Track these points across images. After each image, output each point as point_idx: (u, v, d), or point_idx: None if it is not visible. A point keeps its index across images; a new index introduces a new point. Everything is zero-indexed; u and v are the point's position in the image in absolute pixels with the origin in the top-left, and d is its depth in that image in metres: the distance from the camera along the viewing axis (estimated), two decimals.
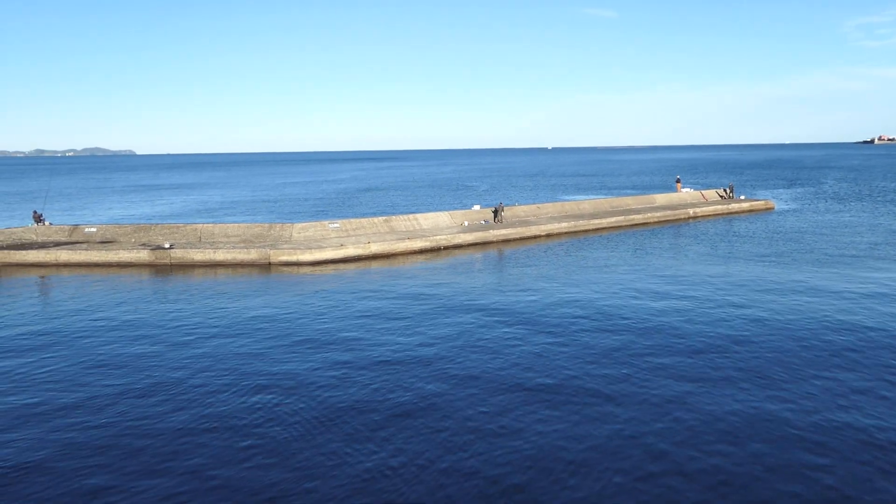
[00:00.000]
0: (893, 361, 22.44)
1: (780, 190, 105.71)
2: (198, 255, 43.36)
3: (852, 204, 78.96)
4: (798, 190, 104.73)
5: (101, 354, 24.54)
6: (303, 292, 34.53)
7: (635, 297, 32.05)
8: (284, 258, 42.89)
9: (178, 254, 43.57)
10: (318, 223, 49.73)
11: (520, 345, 24.59)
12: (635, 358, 23.04)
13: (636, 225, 61.53)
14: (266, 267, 42.02)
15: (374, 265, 42.22)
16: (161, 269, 41.73)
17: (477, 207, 60.09)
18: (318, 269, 41.25)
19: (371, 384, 20.90)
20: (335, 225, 49.96)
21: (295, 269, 41.44)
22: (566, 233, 56.07)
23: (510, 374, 21.67)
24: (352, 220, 51.67)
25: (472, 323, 27.84)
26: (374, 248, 45.41)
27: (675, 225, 61.72)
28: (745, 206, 73.09)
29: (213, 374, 22.25)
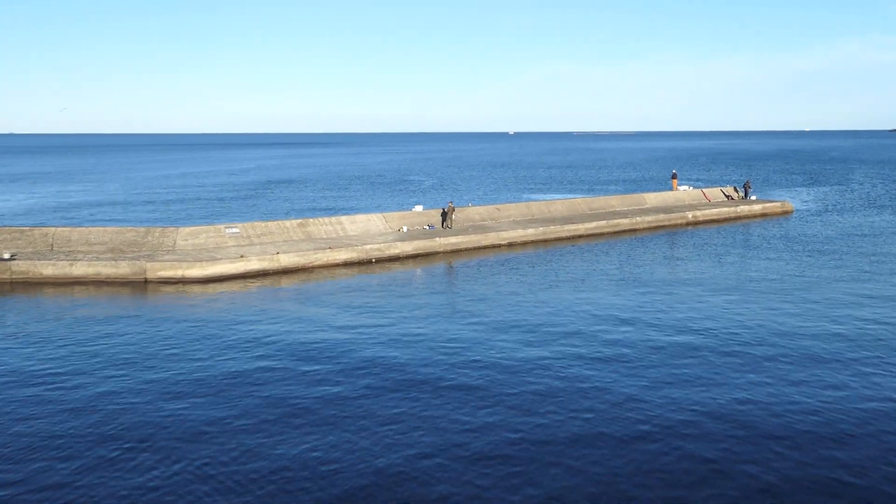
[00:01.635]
0: None
1: (800, 188, 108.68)
2: (48, 269, 42.09)
3: (888, 206, 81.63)
4: (821, 189, 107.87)
5: None
6: (187, 319, 33.81)
7: (622, 330, 32.16)
8: (165, 273, 41.98)
9: (22, 267, 42.21)
10: (211, 227, 49.03)
11: (465, 417, 22.24)
12: (628, 447, 20.56)
13: (622, 232, 62.18)
14: (141, 285, 41.16)
15: (285, 282, 41.88)
16: None
17: (419, 208, 60.04)
18: (210, 287, 40.61)
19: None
20: (234, 230, 49.33)
21: (179, 287, 40.71)
22: (533, 241, 56.33)
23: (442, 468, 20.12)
24: (256, 223, 51.20)
25: (407, 370, 27.37)
26: (285, 260, 45.04)
27: (671, 232, 62.59)
28: (757, 208, 74.73)
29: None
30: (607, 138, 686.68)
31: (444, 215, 57.26)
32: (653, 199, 75.69)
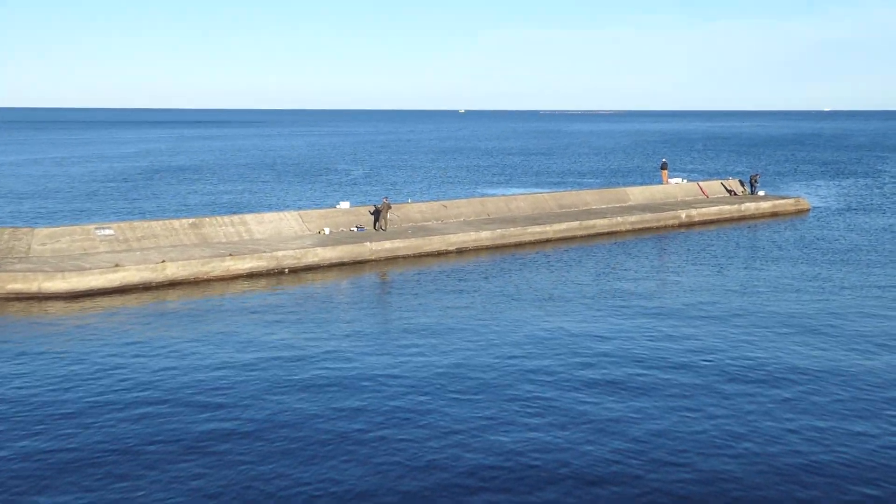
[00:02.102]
0: None
1: (818, 181, 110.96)
2: None
3: None
4: (844, 182, 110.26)
5: None
6: (45, 350, 33.32)
7: (600, 366, 32.36)
8: (16, 286, 41.39)
9: None
10: (77, 228, 48.36)
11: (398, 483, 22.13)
12: None
13: (599, 235, 62.68)
14: None
15: (173, 299, 41.58)
16: None
17: (346, 205, 59.89)
18: (75, 305, 40.12)
19: None
20: (107, 231, 48.72)
21: (35, 305, 40.14)
22: (489, 247, 56.49)
23: None
24: (136, 223, 50.66)
25: (317, 423, 27.00)
26: (173, 270, 44.70)
27: (660, 235, 63.37)
28: (767, 206, 76.03)
29: None
30: (581, 119, 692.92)
31: (378, 214, 57.14)
32: (637, 194, 76.48)
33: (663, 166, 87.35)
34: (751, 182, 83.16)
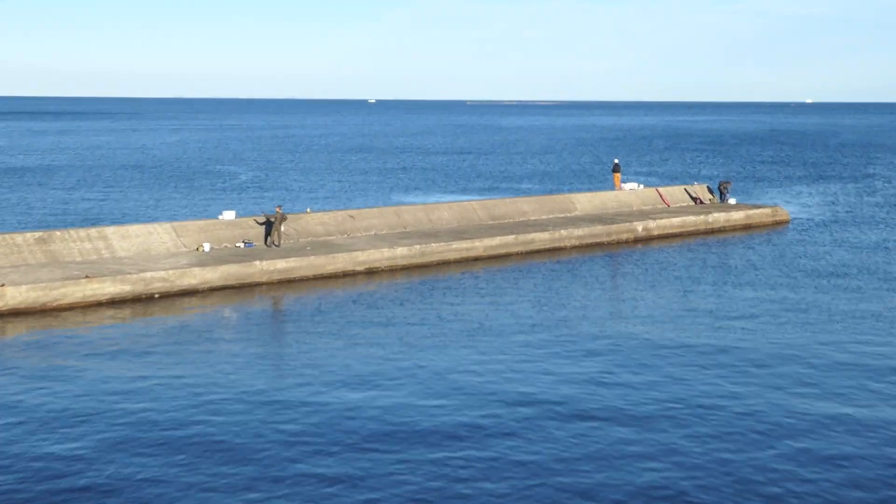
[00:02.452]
0: None
1: (799, 187, 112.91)
2: None
3: None
4: (829, 187, 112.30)
5: None
6: None
7: (541, 420, 32.09)
8: None
9: None
10: None
11: None
12: None
13: (539, 252, 62.87)
14: None
15: (13, 331, 41.03)
16: None
17: (230, 216, 59.41)
18: None
19: None
20: None
21: None
22: (405, 266, 56.46)
23: None
24: None
25: (193, 476, 26.48)
26: (15, 295, 44.02)
27: (612, 252, 63.79)
28: (738, 216, 76.91)
29: None
30: (517, 111, 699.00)
31: (269, 226, 56.81)
32: (585, 202, 76.82)
33: (615, 169, 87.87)
34: (720, 189, 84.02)
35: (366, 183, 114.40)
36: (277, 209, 57.37)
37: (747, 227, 75.83)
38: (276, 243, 56.00)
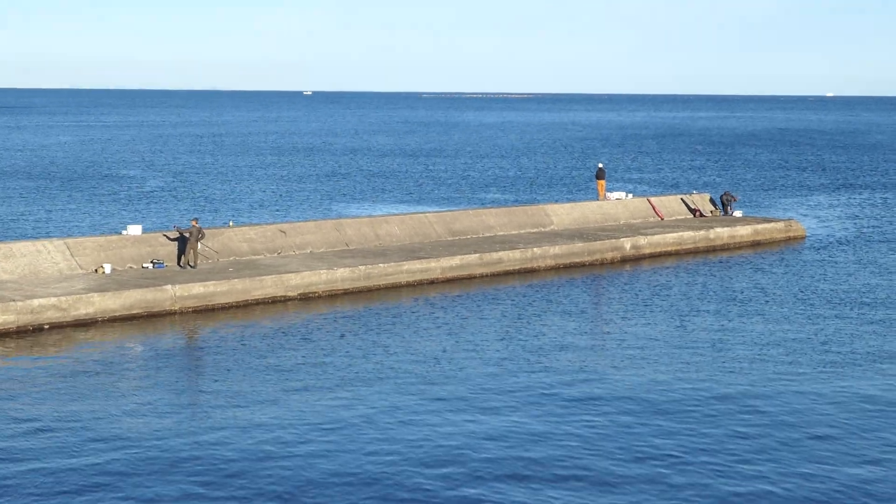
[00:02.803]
0: None
1: (817, 196, 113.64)
2: None
3: None
4: (852, 198, 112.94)
5: None
6: None
7: (498, 473, 32.04)
8: None
9: None
10: None
11: None
12: None
13: (508, 274, 62.95)
14: None
15: None
16: None
17: (136, 230, 59.21)
18: None
19: None
20: None
21: None
22: (348, 290, 56.52)
23: None
24: None
25: None
26: None
27: (595, 274, 64.07)
28: (745, 232, 77.40)
29: None
30: (482, 105, 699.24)
31: (184, 243, 56.61)
32: (563, 215, 77.04)
33: (599, 175, 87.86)
34: (722, 201, 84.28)
35: (300, 191, 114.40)
36: (193, 223, 57.20)
37: (755, 245, 76.26)
38: (192, 264, 55.84)
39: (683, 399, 37.96)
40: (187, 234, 56.51)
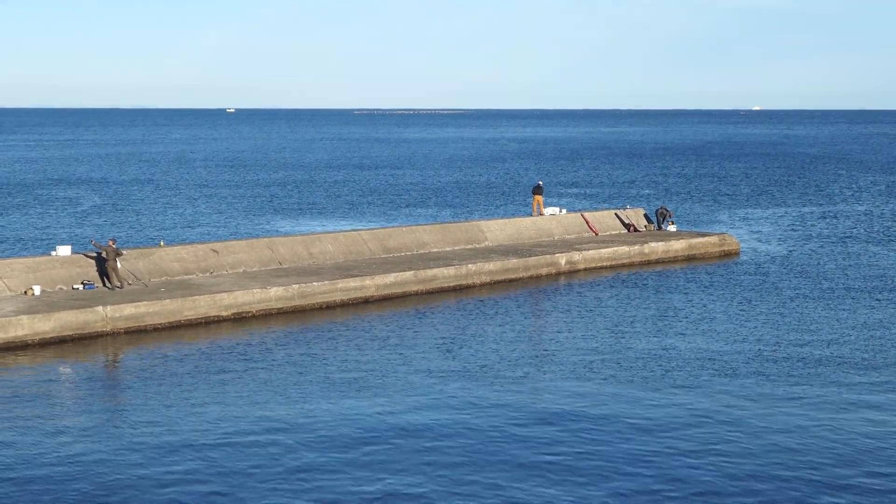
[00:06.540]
0: None
1: (751, 209, 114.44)
2: None
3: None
4: (786, 211, 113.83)
5: None
6: None
7: (437, 492, 31.94)
8: None
9: None
10: None
11: None
12: None
13: (443, 291, 63.06)
14: None
15: None
16: None
17: (66, 251, 58.78)
18: None
19: None
20: None
21: None
22: (280, 310, 56.41)
23: None
24: None
25: None
26: None
27: (530, 289, 64.26)
28: (679, 246, 77.79)
29: None
30: (415, 121, 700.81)
31: (102, 263, 56.22)
32: (497, 230, 77.16)
33: (537, 191, 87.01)
34: (657, 217, 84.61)
35: (232, 210, 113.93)
36: (110, 242, 56.80)
37: (690, 259, 76.72)
38: (119, 284, 55.44)
39: (619, 409, 38.27)
40: (103, 254, 56.10)
